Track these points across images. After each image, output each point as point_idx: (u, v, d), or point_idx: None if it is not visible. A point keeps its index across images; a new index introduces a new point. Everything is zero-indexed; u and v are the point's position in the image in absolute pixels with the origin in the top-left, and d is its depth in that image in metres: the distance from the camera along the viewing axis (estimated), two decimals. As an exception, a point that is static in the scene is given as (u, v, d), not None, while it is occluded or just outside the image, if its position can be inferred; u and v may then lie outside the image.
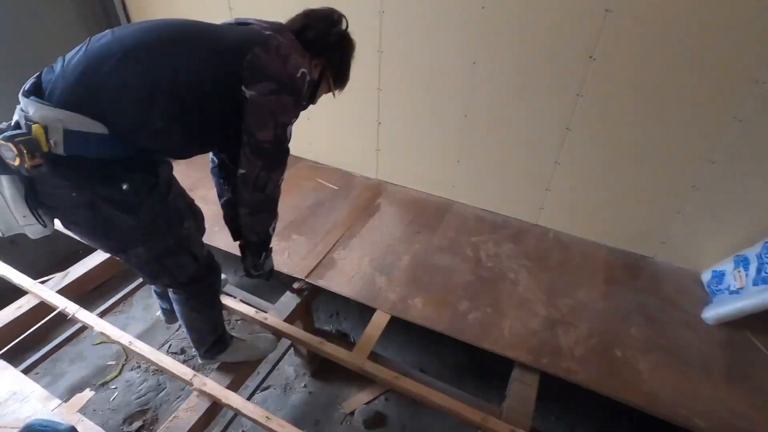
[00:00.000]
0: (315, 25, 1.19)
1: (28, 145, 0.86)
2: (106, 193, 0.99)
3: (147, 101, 0.97)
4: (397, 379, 1.50)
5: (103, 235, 1.10)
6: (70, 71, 0.94)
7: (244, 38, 1.07)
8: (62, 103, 0.91)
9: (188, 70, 1.01)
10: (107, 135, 0.95)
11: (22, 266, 1.91)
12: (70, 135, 0.91)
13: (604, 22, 1.60)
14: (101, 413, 1.95)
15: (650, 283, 1.90)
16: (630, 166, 1.85)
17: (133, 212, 1.03)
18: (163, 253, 1.15)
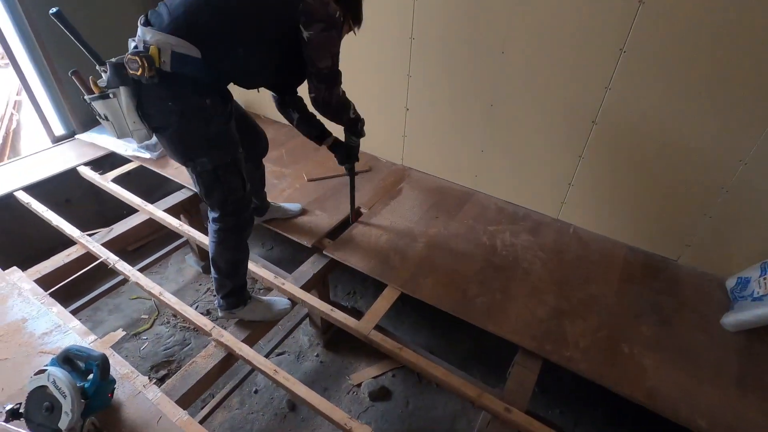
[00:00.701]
0: None
1: (148, 60, 1.15)
2: (194, 103, 1.26)
3: (230, 34, 1.24)
4: (400, 350, 1.56)
5: (181, 141, 1.32)
6: (174, 7, 1.21)
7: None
8: (170, 31, 1.18)
9: (260, 16, 1.26)
10: (200, 59, 1.21)
11: (75, 222, 2.12)
12: (175, 56, 1.18)
13: (637, 13, 1.58)
14: (132, 359, 2.13)
15: (669, 284, 1.86)
16: (656, 164, 1.81)
17: (208, 124, 1.29)
18: (221, 166, 1.36)
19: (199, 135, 1.31)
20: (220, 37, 1.23)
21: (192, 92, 1.25)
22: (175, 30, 1.19)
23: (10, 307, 1.61)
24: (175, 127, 1.29)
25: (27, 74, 2.48)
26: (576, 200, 2.09)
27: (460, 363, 2.16)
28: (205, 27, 1.21)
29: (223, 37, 1.24)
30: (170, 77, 1.20)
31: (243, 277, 1.65)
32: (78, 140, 2.70)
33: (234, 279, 1.62)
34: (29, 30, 2.34)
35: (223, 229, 1.52)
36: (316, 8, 1.27)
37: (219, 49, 1.24)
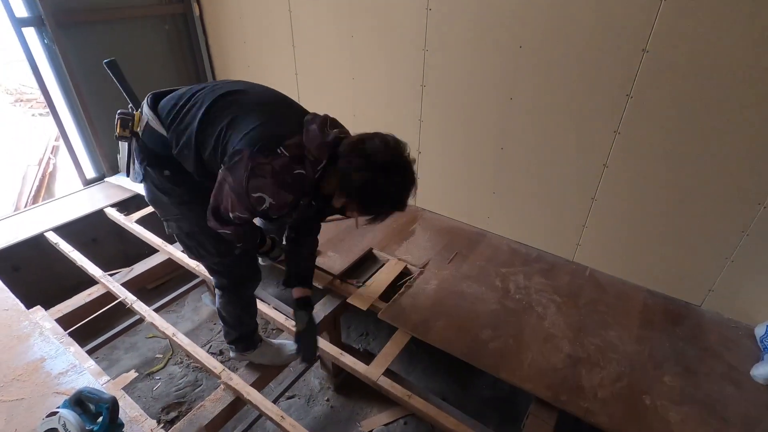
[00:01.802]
0: (348, 158, 1.16)
1: (123, 121, 1.30)
2: (153, 172, 1.32)
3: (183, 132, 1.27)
4: (409, 398, 1.53)
5: (152, 198, 1.38)
6: (174, 94, 1.34)
7: (259, 134, 1.15)
8: (155, 109, 1.30)
9: (201, 129, 1.24)
10: (165, 137, 1.29)
11: (99, 261, 2.20)
12: (147, 128, 1.30)
13: (642, 61, 1.62)
14: (144, 400, 2.13)
15: (692, 331, 1.78)
16: (673, 206, 1.79)
17: (167, 194, 1.33)
18: (189, 234, 1.38)
19: (163, 203, 1.35)
20: (177, 134, 1.27)
21: (153, 162, 1.30)
22: (157, 110, 1.30)
23: (30, 346, 1.66)
24: (145, 185, 1.37)
25: (65, 121, 2.67)
26: (591, 242, 2.07)
27: (475, 410, 2.08)
28: (173, 115, 1.28)
29: (180, 135, 1.26)
30: (140, 142, 1.32)
31: (248, 326, 1.66)
32: (107, 183, 2.84)
33: (238, 329, 1.64)
34: (69, 82, 2.55)
35: (219, 286, 1.55)
36: (237, 166, 1.13)
37: (176, 141, 1.27)
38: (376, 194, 1.17)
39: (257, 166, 1.12)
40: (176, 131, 1.26)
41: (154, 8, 2.83)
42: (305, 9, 2.46)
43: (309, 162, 1.18)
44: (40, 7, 2.33)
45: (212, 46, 3.12)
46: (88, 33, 2.58)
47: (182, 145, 1.25)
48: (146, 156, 1.30)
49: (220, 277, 1.51)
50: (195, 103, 1.26)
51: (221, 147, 1.20)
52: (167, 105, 1.30)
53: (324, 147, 1.18)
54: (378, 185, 1.15)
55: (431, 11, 2.02)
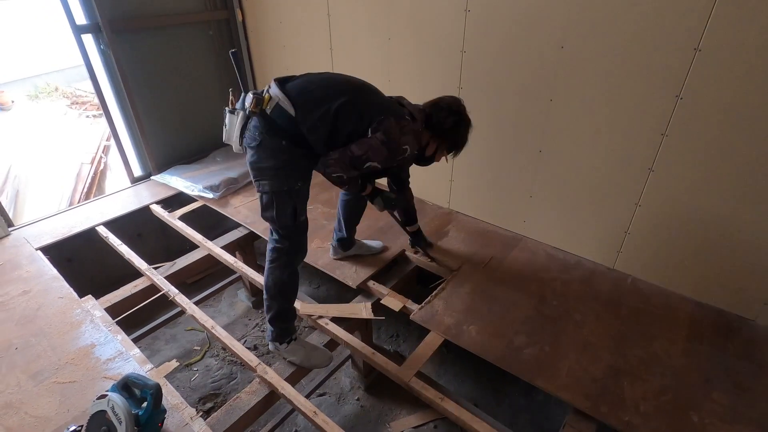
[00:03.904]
0: (437, 113, 1.67)
1: (258, 101, 1.49)
2: (273, 140, 1.51)
3: (317, 111, 1.51)
4: (441, 401, 1.51)
5: (256, 162, 1.56)
6: (299, 80, 1.56)
7: (384, 107, 1.58)
8: (284, 90, 1.50)
9: (342, 108, 1.51)
10: (292, 116, 1.49)
11: (143, 255, 2.32)
12: (277, 106, 1.49)
13: (693, 61, 1.55)
14: (182, 389, 2.22)
15: (745, 347, 1.67)
16: (724, 213, 1.69)
17: (274, 157, 1.54)
18: (277, 192, 1.57)
19: (267, 163, 1.54)
20: (311, 111, 1.51)
21: (275, 133, 1.51)
22: (287, 91, 1.50)
23: (82, 332, 1.77)
24: (254, 150, 1.55)
25: (116, 123, 2.82)
26: (634, 249, 1.98)
27: (508, 418, 2.04)
28: (305, 99, 1.51)
29: (313, 112, 1.51)
30: (268, 118, 1.51)
31: (288, 303, 1.74)
32: (153, 181, 2.98)
33: (280, 301, 1.70)
34: (121, 85, 2.70)
35: (277, 248, 1.67)
36: (389, 128, 1.53)
37: (305, 118, 1.50)
38: (460, 131, 1.71)
39: (402, 126, 1.57)
40: (308, 109, 1.50)
41: (199, 15, 2.96)
42: (343, 14, 2.50)
43: (419, 124, 1.66)
44: (98, 15, 2.48)
45: (253, 50, 3.23)
46: (139, 39, 2.73)
47: (317, 119, 1.50)
48: (270, 128, 1.50)
49: (283, 239, 1.66)
50: (328, 87, 1.54)
51: (367, 121, 1.53)
52: (298, 88, 1.52)
53: (422, 113, 1.68)
54: (461, 124, 1.70)
55: (470, 12, 2.01)
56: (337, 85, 1.57)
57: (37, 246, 2.29)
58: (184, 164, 3.09)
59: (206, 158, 3.17)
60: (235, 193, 2.79)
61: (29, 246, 2.30)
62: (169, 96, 2.97)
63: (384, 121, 1.53)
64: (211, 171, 2.94)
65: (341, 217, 2.05)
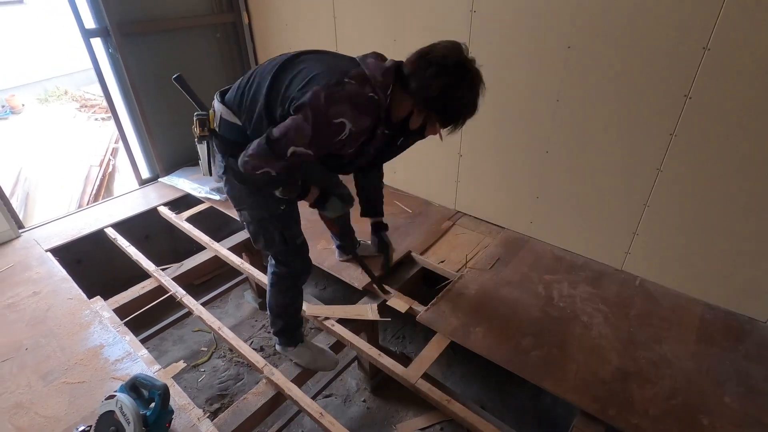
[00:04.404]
0: (418, 73, 1.19)
1: (201, 122, 1.37)
2: (234, 162, 1.31)
3: (255, 108, 1.32)
4: (448, 402, 1.51)
5: (229, 192, 1.47)
6: (236, 86, 1.40)
7: (321, 73, 1.21)
8: (226, 101, 1.38)
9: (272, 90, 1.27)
10: (240, 125, 1.35)
11: (151, 256, 2.33)
12: (222, 121, 1.36)
13: (703, 59, 1.53)
14: (189, 390, 2.23)
15: (758, 349, 1.65)
16: (734, 213, 1.67)
17: (243, 182, 1.39)
18: (260, 221, 1.46)
19: (239, 191, 1.44)
20: (250, 113, 1.33)
21: (232, 153, 1.34)
22: (227, 102, 1.37)
23: (91, 333, 1.78)
24: (225, 178, 1.45)
25: (124, 125, 2.85)
26: (642, 251, 1.96)
27: (515, 420, 2.02)
28: (241, 99, 1.35)
29: (251, 112, 1.32)
30: (219, 137, 1.39)
31: (294, 318, 1.72)
32: (160, 183, 3.01)
33: (284, 319, 1.69)
34: (129, 88, 2.72)
35: (275, 273, 1.61)
36: (312, 96, 1.16)
37: (249, 121, 1.34)
38: (456, 98, 1.18)
39: (332, 93, 1.15)
40: (247, 112, 1.32)
41: (206, 18, 2.98)
42: (349, 16, 2.50)
43: (378, 88, 1.20)
44: (107, 19, 2.51)
45: (259, 53, 3.24)
46: (147, 42, 2.75)
47: (255, 120, 1.30)
48: (226, 148, 1.37)
49: (281, 265, 1.58)
50: (256, 79, 1.32)
51: (289, 99, 1.21)
52: (233, 95, 1.37)
53: (389, 71, 1.21)
54: (457, 87, 1.16)
55: (476, 13, 2.00)
56: (265, 69, 1.29)
57: (47, 247, 2.32)
58: (191, 166, 3.11)
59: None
60: (241, 194, 2.80)
61: (39, 247, 2.32)
62: (177, 98, 2.98)
63: (304, 95, 1.16)
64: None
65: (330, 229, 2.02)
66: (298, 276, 1.63)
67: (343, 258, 2.15)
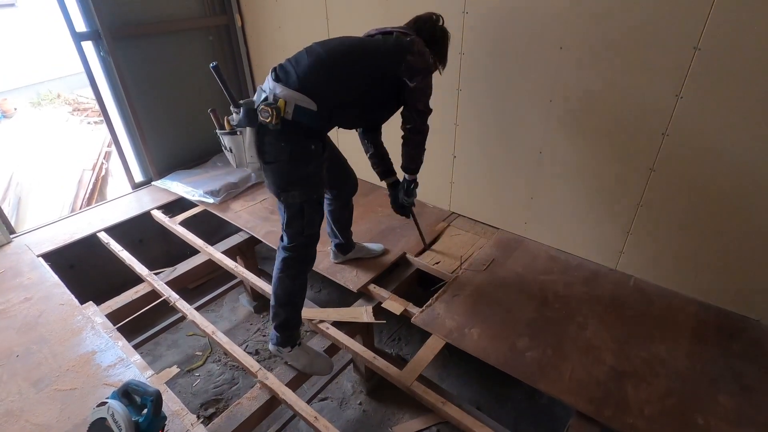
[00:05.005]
0: (424, 27, 1.68)
1: (277, 111, 1.39)
2: (302, 146, 1.48)
3: (339, 93, 1.50)
4: (443, 405, 1.50)
5: (283, 174, 1.51)
6: (300, 69, 1.47)
7: (395, 47, 1.57)
8: (296, 88, 1.43)
9: (364, 71, 1.54)
10: (315, 111, 1.44)
11: (145, 261, 2.32)
12: (297, 108, 1.42)
13: (693, 60, 1.54)
14: (184, 395, 2.21)
15: (751, 348, 1.65)
16: (726, 212, 1.68)
17: (307, 164, 1.51)
18: (308, 201, 1.55)
19: (299, 172, 1.51)
20: (332, 95, 1.48)
21: (304, 137, 1.48)
22: (300, 88, 1.43)
23: (83, 339, 1.76)
24: (282, 162, 1.49)
25: (116, 129, 2.83)
26: (636, 250, 1.97)
27: (511, 422, 2.02)
28: (321, 86, 1.46)
29: (334, 95, 1.49)
30: (290, 124, 1.43)
31: (296, 312, 1.72)
32: (153, 186, 2.99)
33: (287, 310, 1.69)
34: (122, 91, 2.71)
35: (290, 257, 1.64)
36: (417, 63, 1.56)
37: (330, 104, 1.48)
38: (446, 42, 1.73)
39: (420, 49, 1.58)
40: (329, 96, 1.46)
41: (199, 21, 2.97)
42: (341, 17, 2.50)
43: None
44: (98, 22, 2.50)
45: (253, 55, 3.24)
46: (139, 45, 2.74)
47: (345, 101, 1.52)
48: (298, 134, 1.45)
49: (301, 249, 1.63)
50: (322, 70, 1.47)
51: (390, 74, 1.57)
52: (300, 81, 1.44)
53: (411, 26, 1.68)
54: (445, 35, 1.73)
55: (467, 14, 2.01)
56: (344, 55, 1.53)
57: (39, 253, 2.30)
58: (184, 169, 3.10)
59: (207, 163, 3.17)
60: (235, 197, 2.79)
61: (31, 253, 2.30)
62: (170, 102, 2.98)
63: (410, 64, 1.54)
64: (211, 176, 2.94)
65: (332, 225, 2.04)
66: (308, 262, 1.68)
67: (338, 260, 2.15)
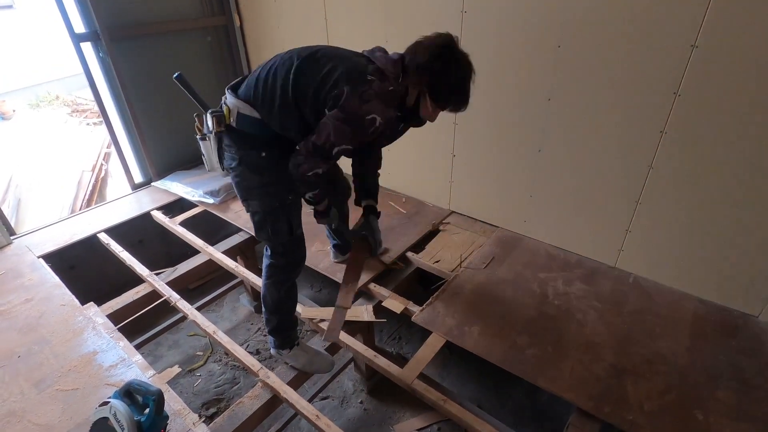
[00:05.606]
0: (414, 58, 1.34)
1: (218, 118, 1.41)
2: (250, 155, 1.45)
3: (277, 101, 1.40)
4: (444, 402, 1.51)
5: (240, 183, 1.51)
6: (250, 78, 1.46)
7: (344, 73, 1.33)
8: (241, 96, 1.43)
9: (302, 90, 1.38)
10: (259, 119, 1.42)
11: (145, 261, 2.32)
12: (239, 116, 1.42)
13: (691, 57, 1.54)
14: (185, 395, 2.22)
15: (750, 343, 1.66)
16: (727, 209, 1.68)
17: (259, 173, 1.47)
18: (269, 210, 1.51)
19: (252, 181, 1.49)
20: (270, 106, 1.42)
21: (250, 146, 1.45)
22: (244, 96, 1.44)
23: (84, 339, 1.77)
24: (237, 171, 1.50)
25: (116, 130, 2.83)
26: (635, 247, 1.97)
27: (512, 419, 2.03)
28: (261, 94, 1.42)
29: (271, 105, 1.42)
30: (236, 131, 1.44)
31: (288, 316, 1.72)
32: (153, 187, 2.99)
33: (279, 315, 1.69)
34: (121, 92, 2.71)
35: (273, 265, 1.63)
36: (348, 99, 1.31)
37: (270, 113, 1.43)
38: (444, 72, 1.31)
39: (362, 93, 1.29)
40: (268, 105, 1.40)
41: (197, 21, 2.97)
42: (340, 17, 2.50)
43: (391, 80, 1.35)
44: (96, 23, 2.50)
45: (251, 55, 3.24)
46: (137, 46, 2.74)
47: (280, 113, 1.40)
48: (244, 142, 1.44)
49: (280, 257, 1.61)
50: (275, 75, 1.39)
51: (321, 99, 1.35)
52: (249, 91, 1.43)
53: (396, 62, 1.36)
54: (445, 61, 1.30)
55: (466, 14, 2.01)
56: (284, 64, 1.38)
57: (39, 254, 2.30)
58: (184, 170, 3.10)
59: (206, 163, 3.17)
60: (235, 198, 2.79)
61: (31, 254, 2.30)
62: (169, 102, 2.98)
63: (337, 98, 1.30)
64: (211, 176, 2.94)
65: (327, 227, 2.04)
66: (294, 268, 1.66)
67: (338, 259, 2.15)
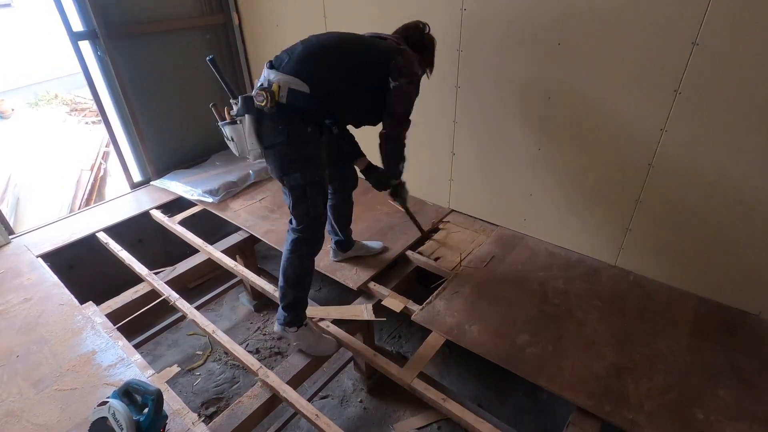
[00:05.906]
0: (412, 34, 1.74)
1: (271, 94, 1.45)
2: (298, 129, 1.52)
3: (332, 76, 1.55)
4: (444, 401, 1.51)
5: (283, 157, 1.55)
6: (294, 54, 1.53)
7: (387, 48, 1.64)
8: (289, 72, 1.49)
9: (358, 65, 1.60)
10: (308, 93, 1.48)
11: (144, 260, 2.31)
12: (291, 91, 1.47)
13: (692, 54, 1.54)
14: (185, 395, 2.21)
15: (750, 342, 1.66)
16: (727, 209, 1.68)
17: (305, 146, 1.55)
18: (309, 183, 1.58)
19: (297, 153, 1.55)
20: (323, 80, 1.52)
21: (299, 120, 1.52)
22: (293, 72, 1.49)
23: (83, 339, 1.76)
24: (281, 145, 1.53)
25: (115, 129, 2.82)
26: (635, 246, 1.97)
27: (511, 418, 2.03)
28: (312, 70, 1.51)
29: (325, 80, 1.53)
30: (285, 107, 1.48)
31: (305, 291, 1.74)
32: (152, 186, 2.98)
33: (296, 291, 1.71)
34: (119, 91, 2.70)
35: (300, 239, 1.67)
36: (405, 66, 1.60)
37: (322, 89, 1.52)
38: (433, 48, 1.79)
39: (409, 57, 1.64)
40: (323, 80, 1.51)
41: (196, 19, 2.96)
42: (339, 15, 2.50)
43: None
44: (94, 22, 2.49)
45: (250, 53, 3.23)
46: (136, 45, 2.73)
47: (339, 86, 1.56)
48: (293, 117, 1.50)
49: (307, 230, 1.67)
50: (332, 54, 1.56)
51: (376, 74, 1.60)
52: (293, 67, 1.49)
53: (402, 38, 1.72)
54: (432, 41, 1.78)
55: (465, 11, 2.00)
56: (336, 45, 1.59)
57: (38, 253, 2.29)
58: (183, 169, 3.09)
59: (205, 162, 3.17)
60: (234, 196, 2.79)
61: (30, 253, 2.30)
62: (168, 101, 2.97)
63: (398, 65, 1.58)
64: (210, 175, 2.94)
65: (332, 220, 2.04)
66: (318, 241, 1.71)
67: (338, 258, 2.15)
